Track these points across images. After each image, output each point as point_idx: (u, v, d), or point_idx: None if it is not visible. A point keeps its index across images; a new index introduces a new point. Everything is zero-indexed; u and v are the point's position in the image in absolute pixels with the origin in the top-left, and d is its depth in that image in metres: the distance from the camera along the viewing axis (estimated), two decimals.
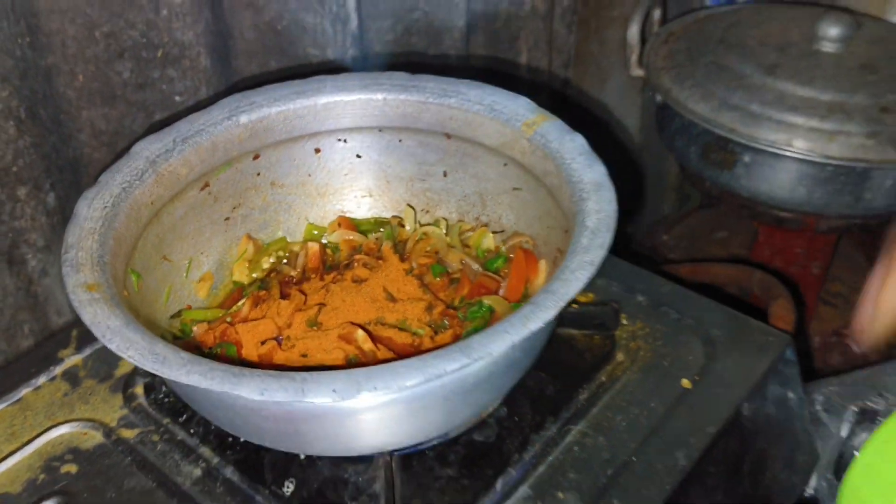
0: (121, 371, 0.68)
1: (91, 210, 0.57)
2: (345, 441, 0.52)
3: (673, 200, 1.41)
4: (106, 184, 0.59)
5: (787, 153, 0.96)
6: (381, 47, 1.09)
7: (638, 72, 1.14)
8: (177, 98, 0.89)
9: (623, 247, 0.77)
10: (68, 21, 0.79)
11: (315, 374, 0.45)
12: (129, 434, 0.63)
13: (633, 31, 1.14)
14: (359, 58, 1.05)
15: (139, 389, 0.66)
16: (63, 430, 0.64)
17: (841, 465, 0.73)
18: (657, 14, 1.20)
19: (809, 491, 0.77)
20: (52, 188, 0.82)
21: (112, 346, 0.47)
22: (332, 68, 0.89)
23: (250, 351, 0.58)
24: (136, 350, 0.47)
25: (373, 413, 0.50)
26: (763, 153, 0.98)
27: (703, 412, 0.64)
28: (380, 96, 0.68)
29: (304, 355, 0.57)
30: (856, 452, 0.72)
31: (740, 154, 1.00)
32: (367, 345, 0.57)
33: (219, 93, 0.91)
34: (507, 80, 0.70)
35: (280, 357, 0.58)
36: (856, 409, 0.72)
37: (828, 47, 1.04)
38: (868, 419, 0.71)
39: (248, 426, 0.52)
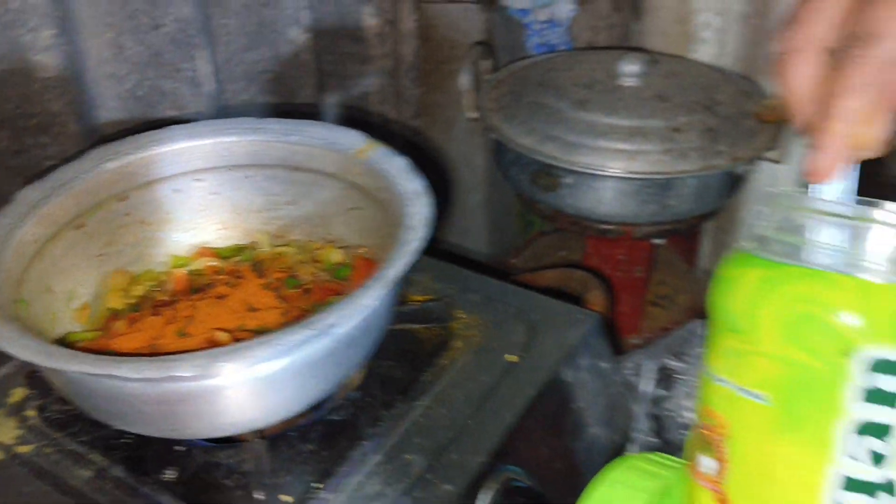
0: (14, 399, 0.75)
1: None
2: (214, 420, 0.61)
3: (520, 227, 1.56)
4: None
5: (600, 173, 1.12)
6: (238, 106, 1.20)
7: (473, 115, 1.29)
8: (48, 163, 0.97)
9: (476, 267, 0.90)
10: None
11: (182, 355, 0.55)
12: (25, 449, 0.70)
13: (464, 80, 1.29)
14: (216, 116, 1.16)
15: (32, 412, 0.74)
16: None
17: (653, 421, 0.87)
18: (486, 65, 1.35)
19: (629, 450, 0.90)
20: None
21: (11, 351, 0.56)
22: None
23: None
24: (30, 351, 0.56)
25: (236, 391, 0.59)
26: (581, 175, 1.14)
27: (525, 380, 0.76)
28: (229, 139, 0.79)
29: None
30: (664, 410, 0.86)
31: (562, 178, 1.16)
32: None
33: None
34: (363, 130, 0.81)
35: None
36: (657, 370, 0.86)
37: (628, 82, 1.21)
38: (667, 377, 0.85)
39: (130, 414, 0.61)
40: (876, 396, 0.34)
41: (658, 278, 1.34)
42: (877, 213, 0.35)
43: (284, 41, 1.24)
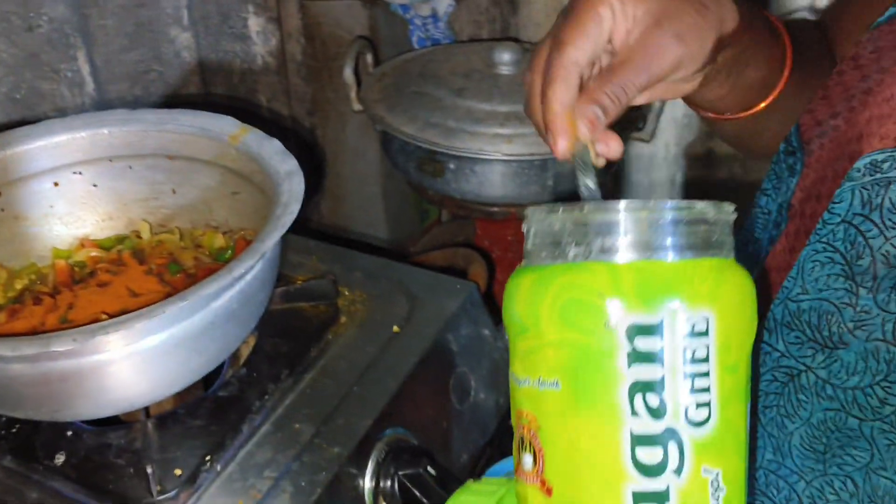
0: None
1: None
2: (97, 399, 0.63)
3: (416, 216, 1.60)
4: None
5: (481, 156, 1.17)
6: (122, 106, 1.20)
7: (357, 107, 1.32)
8: None
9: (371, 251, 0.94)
10: None
11: (59, 332, 0.57)
12: None
13: (348, 73, 1.32)
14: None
15: None
16: None
17: None
18: (370, 59, 1.39)
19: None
20: None
21: None
22: None
23: None
24: None
25: (116, 366, 0.61)
26: (463, 159, 1.18)
27: (408, 347, 0.80)
28: (105, 130, 0.80)
29: None
30: None
31: (446, 163, 1.20)
32: None
33: None
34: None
35: None
36: None
37: (503, 70, 1.27)
38: None
39: (11, 397, 0.62)
40: (640, 357, 0.40)
41: None
42: (611, 208, 0.41)
43: (165, 40, 1.24)
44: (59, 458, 0.67)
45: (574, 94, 0.51)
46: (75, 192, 0.82)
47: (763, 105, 0.64)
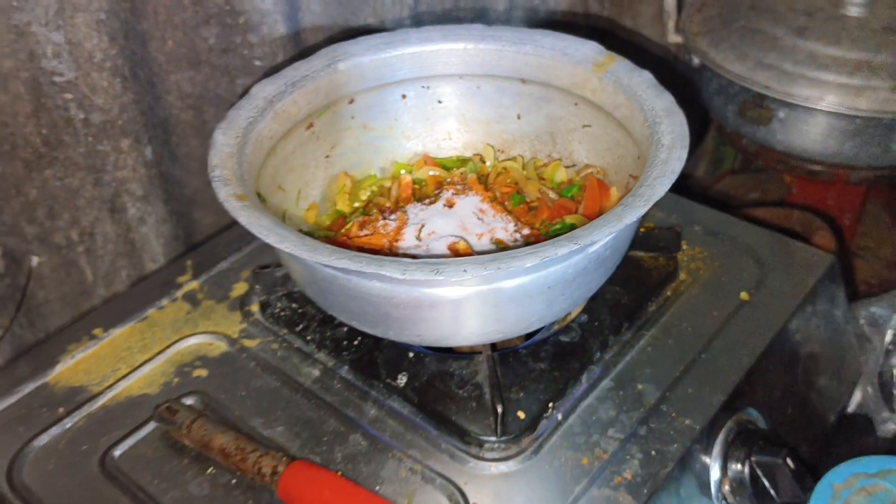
0: (236, 293, 0.79)
1: (226, 138, 0.67)
2: (459, 329, 0.62)
3: (707, 165, 1.51)
4: (234, 118, 0.69)
5: (819, 108, 1.06)
6: (432, 17, 1.19)
7: (676, 38, 1.24)
8: (257, 63, 0.99)
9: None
10: None
11: (446, 259, 0.55)
12: (250, 343, 0.73)
13: (670, 1, 1.25)
14: (412, 26, 1.15)
15: (255, 307, 0.77)
16: (190, 341, 0.74)
17: (882, 379, 0.83)
18: None
19: (852, 407, 0.87)
20: (149, 142, 0.92)
21: (269, 240, 0.57)
22: None
23: None
24: (290, 243, 0.57)
25: (490, 300, 0.60)
26: (797, 108, 1.08)
27: (760, 320, 0.74)
28: (460, 45, 0.79)
29: None
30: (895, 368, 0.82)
31: (775, 110, 1.10)
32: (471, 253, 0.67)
33: (294, 57, 1.01)
34: None
35: None
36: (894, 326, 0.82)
37: (852, 11, 1.14)
38: None
39: (376, 316, 0.62)
40: None
41: (861, 230, 1.28)
42: None
43: None
44: (402, 379, 0.68)
45: None
46: (421, 106, 0.81)
47: None
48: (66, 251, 0.90)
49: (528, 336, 0.73)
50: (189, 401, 0.68)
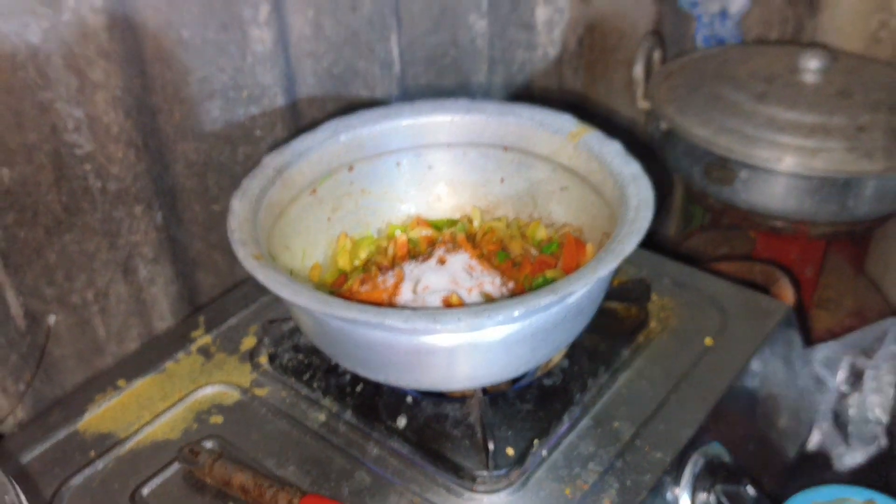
0: (245, 346, 0.86)
1: (241, 204, 0.75)
2: (454, 373, 0.70)
3: (678, 222, 1.61)
4: (248, 187, 0.78)
5: (779, 169, 1.16)
6: (418, 88, 1.29)
7: (644, 104, 1.35)
8: (257, 133, 1.08)
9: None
10: (166, 67, 0.98)
11: (443, 309, 0.64)
12: (261, 392, 0.81)
13: (638, 70, 1.36)
14: (400, 97, 1.25)
15: (263, 359, 0.84)
16: (206, 391, 0.81)
17: (838, 416, 0.92)
18: (657, 55, 1.41)
19: (812, 445, 0.95)
20: (159, 208, 1.00)
21: (284, 294, 0.65)
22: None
23: None
24: (304, 297, 0.65)
25: (477, 346, 0.68)
26: (758, 169, 1.18)
27: (723, 363, 0.83)
28: (448, 117, 0.88)
29: None
30: (849, 406, 0.91)
31: (738, 171, 1.20)
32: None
33: (290, 129, 1.11)
34: None
35: None
36: (847, 366, 0.90)
37: (809, 77, 1.25)
38: (855, 376, 0.90)
39: (379, 362, 0.70)
40: None
41: (824, 282, 1.38)
42: None
43: (464, 26, 1.32)
44: (401, 421, 0.75)
45: None
46: (413, 172, 0.90)
47: None
48: (81, 311, 0.97)
49: (515, 381, 0.81)
50: (208, 444, 0.75)
